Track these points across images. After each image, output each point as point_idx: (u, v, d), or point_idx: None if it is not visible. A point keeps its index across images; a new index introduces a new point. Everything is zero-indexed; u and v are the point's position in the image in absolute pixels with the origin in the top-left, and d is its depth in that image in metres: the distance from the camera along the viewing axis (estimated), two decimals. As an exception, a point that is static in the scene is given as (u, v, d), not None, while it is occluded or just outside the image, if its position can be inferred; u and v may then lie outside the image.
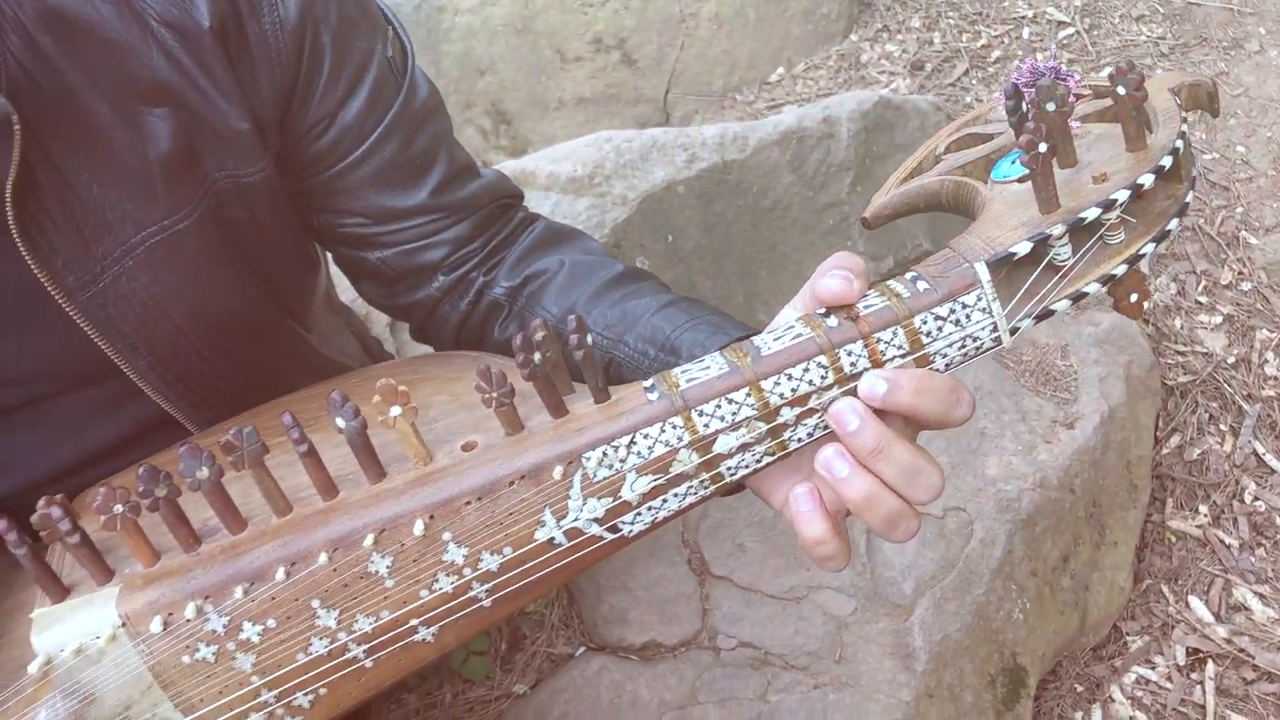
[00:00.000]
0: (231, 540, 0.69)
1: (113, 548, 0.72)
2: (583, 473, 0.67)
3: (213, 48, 0.80)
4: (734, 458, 0.68)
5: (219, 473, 0.67)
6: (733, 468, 0.68)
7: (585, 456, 0.66)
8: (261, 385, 0.90)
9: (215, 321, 0.88)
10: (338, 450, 0.70)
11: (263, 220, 0.89)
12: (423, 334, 1.02)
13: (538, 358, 0.65)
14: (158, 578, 0.69)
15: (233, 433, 0.66)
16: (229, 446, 0.66)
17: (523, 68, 2.84)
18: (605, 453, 0.66)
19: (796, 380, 0.66)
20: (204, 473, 0.67)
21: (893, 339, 0.65)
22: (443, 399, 0.76)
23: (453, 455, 0.69)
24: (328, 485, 0.69)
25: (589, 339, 0.66)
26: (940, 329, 0.65)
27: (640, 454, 0.67)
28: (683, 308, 0.85)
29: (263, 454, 0.67)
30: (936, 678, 1.42)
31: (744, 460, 0.68)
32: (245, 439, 0.66)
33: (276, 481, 0.69)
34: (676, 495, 0.69)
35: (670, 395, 0.66)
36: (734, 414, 0.66)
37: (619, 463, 0.67)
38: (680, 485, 0.68)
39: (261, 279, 0.92)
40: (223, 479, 0.68)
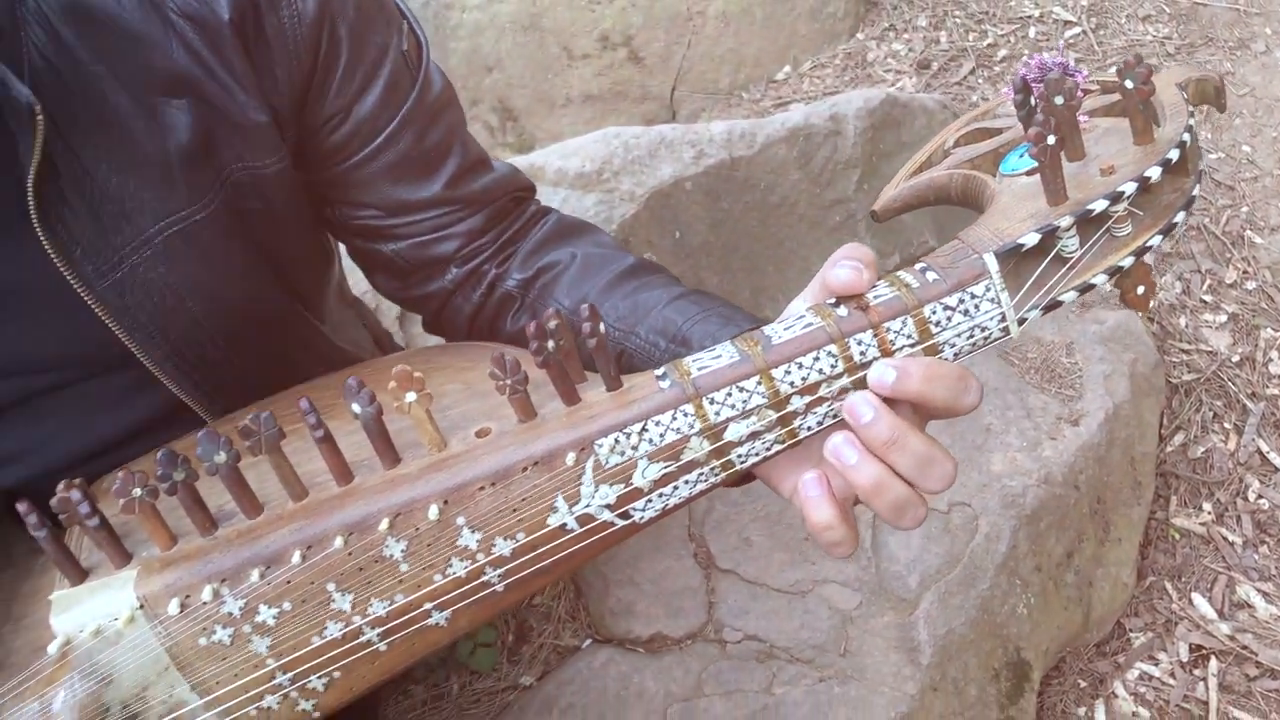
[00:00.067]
0: (248, 524, 0.70)
1: (130, 531, 0.73)
2: (595, 459, 0.68)
3: (232, 40, 0.81)
4: (744, 445, 0.68)
5: (236, 457, 0.68)
6: (743, 455, 0.69)
7: (598, 443, 0.67)
8: (276, 375, 0.91)
9: (231, 311, 0.89)
10: (352, 437, 0.71)
11: (279, 212, 0.90)
12: (436, 326, 1.03)
13: (551, 346, 0.66)
14: (175, 561, 0.70)
15: (250, 418, 0.67)
16: (246, 431, 0.67)
17: (530, 65, 2.85)
18: (617, 439, 0.67)
19: (807, 369, 0.66)
20: (221, 457, 0.68)
21: (902, 328, 0.66)
22: (456, 387, 0.77)
23: (467, 442, 0.70)
24: (343, 470, 0.70)
25: (602, 327, 0.67)
26: (949, 319, 0.66)
27: (652, 441, 0.67)
28: (694, 300, 0.86)
29: (279, 439, 0.68)
30: (941, 671, 1.43)
31: (754, 448, 0.69)
32: (262, 424, 0.67)
33: (293, 466, 0.70)
34: (687, 482, 0.69)
35: (682, 383, 0.67)
36: (745, 402, 0.67)
37: (631, 449, 0.68)
38: (691, 472, 0.69)
39: (277, 270, 0.93)
40: (239, 464, 0.69)
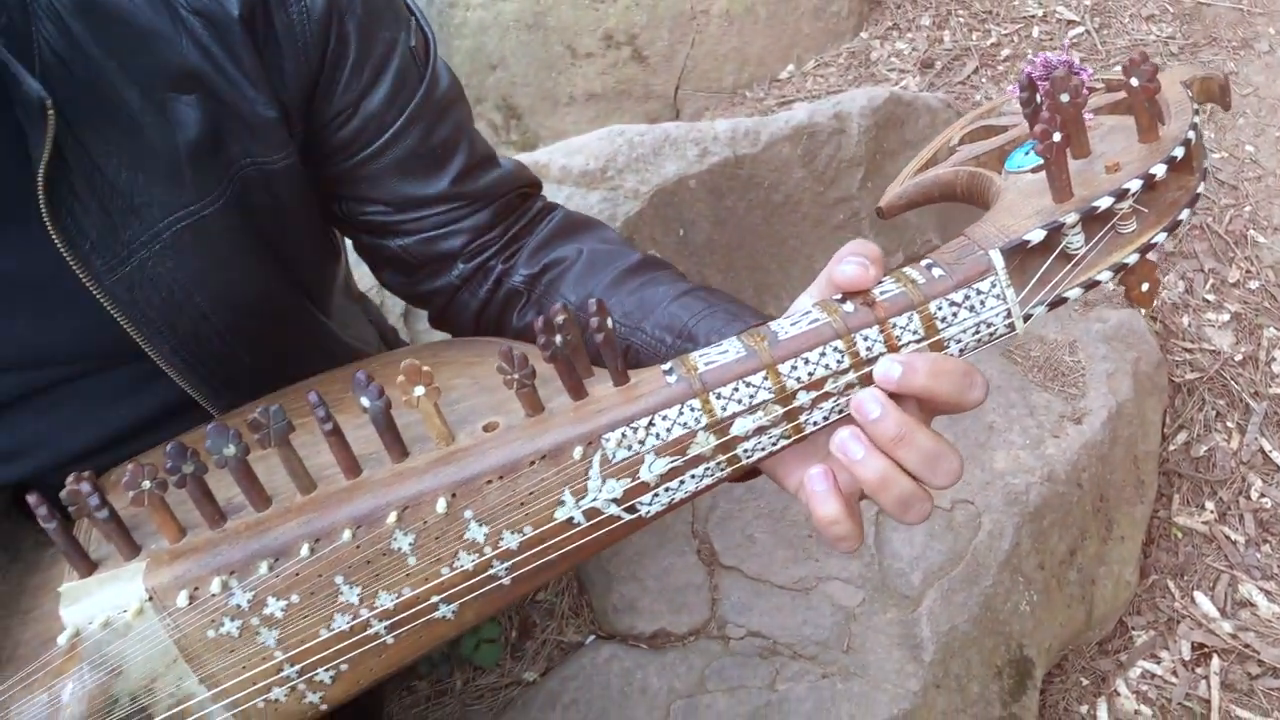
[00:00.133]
0: (256, 517, 0.71)
1: (139, 524, 0.73)
2: (602, 454, 0.68)
3: (241, 36, 0.81)
4: (750, 440, 0.69)
5: (245, 450, 0.69)
6: (749, 450, 0.69)
7: (604, 438, 0.68)
8: (283, 370, 0.91)
9: (239, 306, 0.90)
10: (360, 431, 0.72)
11: (287, 207, 0.90)
12: (442, 321, 1.03)
13: (559, 340, 0.66)
14: (184, 553, 0.71)
15: (259, 411, 0.67)
16: (255, 424, 0.67)
17: (534, 63, 2.85)
18: (624, 434, 0.68)
19: (813, 364, 0.67)
20: (230, 450, 0.68)
21: (908, 324, 0.66)
22: (463, 382, 0.77)
23: (474, 436, 0.70)
24: (351, 464, 0.70)
25: (609, 322, 0.67)
26: (955, 315, 0.66)
27: (658, 436, 0.68)
28: (700, 296, 0.86)
29: (289, 432, 0.68)
30: (944, 668, 1.43)
31: (760, 443, 0.69)
32: (271, 417, 0.68)
33: (301, 460, 0.70)
34: (694, 477, 0.70)
35: (688, 378, 0.67)
36: (751, 397, 0.67)
37: (638, 444, 0.68)
38: (697, 467, 0.69)
39: (284, 265, 0.93)
40: (248, 457, 0.69)
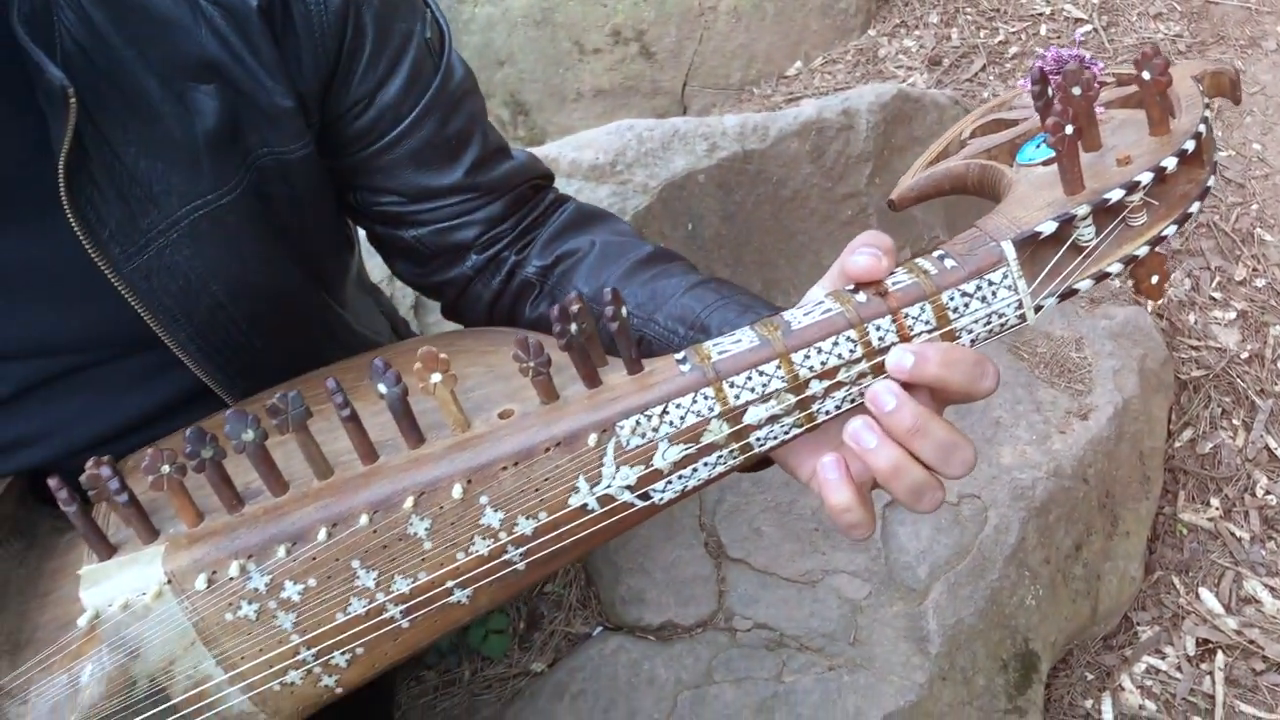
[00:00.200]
0: (274, 502, 0.72)
1: (157, 509, 0.74)
2: (616, 441, 0.69)
3: (260, 26, 0.82)
4: (763, 429, 0.69)
5: (264, 436, 0.69)
6: (762, 438, 0.70)
7: (619, 425, 0.68)
8: (297, 359, 0.92)
9: (254, 295, 0.90)
10: (376, 418, 0.73)
11: (303, 197, 0.91)
12: (454, 312, 1.04)
13: (574, 328, 0.67)
14: (202, 537, 0.71)
15: (278, 397, 0.68)
16: (274, 410, 0.68)
17: (541, 59, 2.85)
18: (638, 421, 0.68)
19: (826, 354, 0.67)
20: (249, 435, 0.69)
21: (920, 314, 0.67)
22: (478, 370, 0.78)
23: (490, 423, 0.71)
24: (368, 450, 0.71)
25: (624, 311, 0.68)
26: (967, 305, 0.67)
27: (672, 423, 0.69)
28: (712, 288, 0.87)
29: (306, 418, 0.69)
30: (950, 661, 1.44)
31: (773, 431, 0.70)
32: (290, 403, 0.68)
33: (319, 445, 0.71)
34: (707, 464, 0.70)
35: (702, 367, 0.68)
36: (764, 386, 0.68)
37: (651, 431, 0.69)
38: (711, 455, 0.70)
39: (300, 255, 0.94)
40: (265, 443, 0.70)
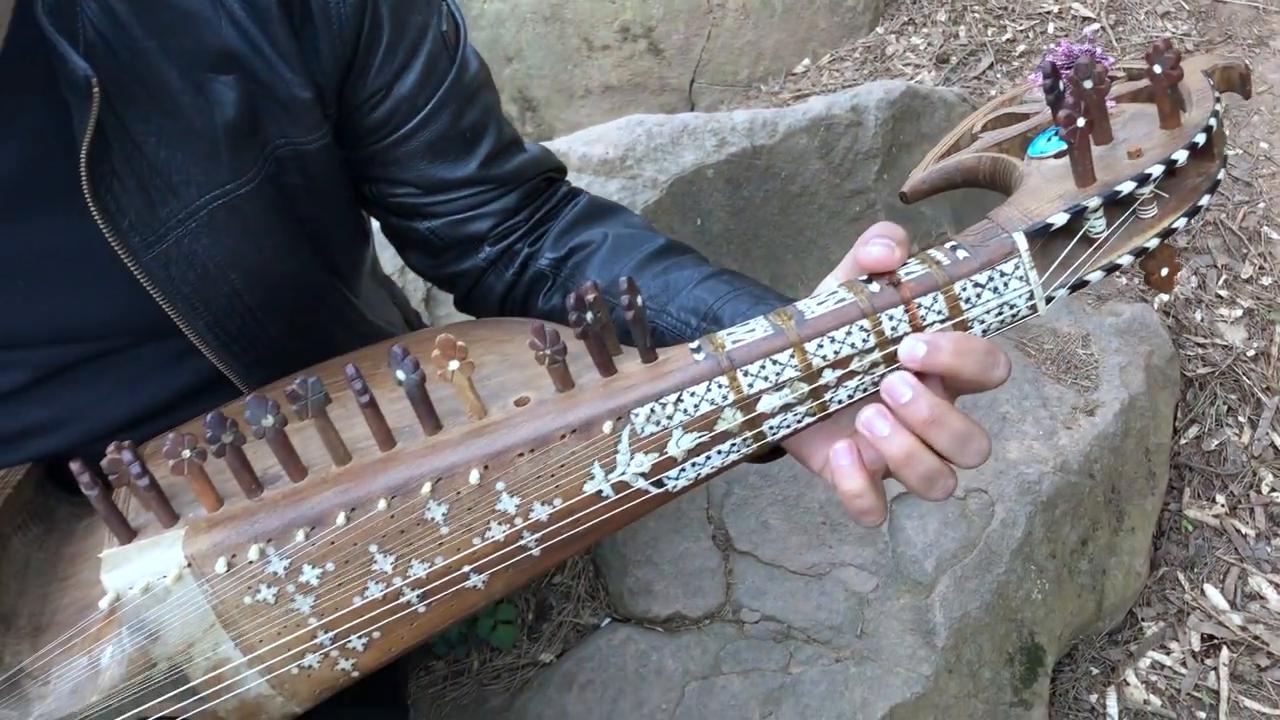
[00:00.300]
0: (293, 487, 0.73)
1: (176, 494, 0.75)
2: (631, 428, 0.69)
3: (279, 18, 0.83)
4: (776, 417, 0.70)
5: (283, 421, 0.70)
6: (774, 427, 0.71)
7: (634, 413, 0.69)
8: (313, 348, 0.93)
9: (271, 284, 0.91)
10: (393, 405, 0.73)
11: (320, 188, 0.92)
12: (467, 304, 1.05)
13: (590, 317, 0.68)
14: (222, 521, 0.72)
15: (297, 382, 0.69)
16: (294, 395, 0.69)
17: (550, 55, 2.86)
18: (653, 409, 0.69)
19: (839, 343, 0.68)
20: (269, 420, 0.70)
21: (933, 304, 0.68)
22: (494, 359, 0.79)
23: (506, 410, 0.72)
24: (386, 436, 0.72)
25: (639, 300, 0.69)
26: (979, 295, 0.68)
27: (686, 411, 0.69)
28: (725, 279, 0.88)
29: (326, 404, 0.70)
30: (956, 653, 1.45)
31: (786, 420, 0.71)
32: (310, 389, 0.69)
33: (337, 431, 0.72)
34: (720, 452, 0.71)
35: (716, 355, 0.69)
36: (778, 374, 0.69)
37: (666, 419, 0.69)
38: (724, 443, 0.71)
39: (317, 245, 0.95)
40: (284, 428, 0.71)
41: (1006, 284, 0.68)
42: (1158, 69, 0.67)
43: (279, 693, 0.77)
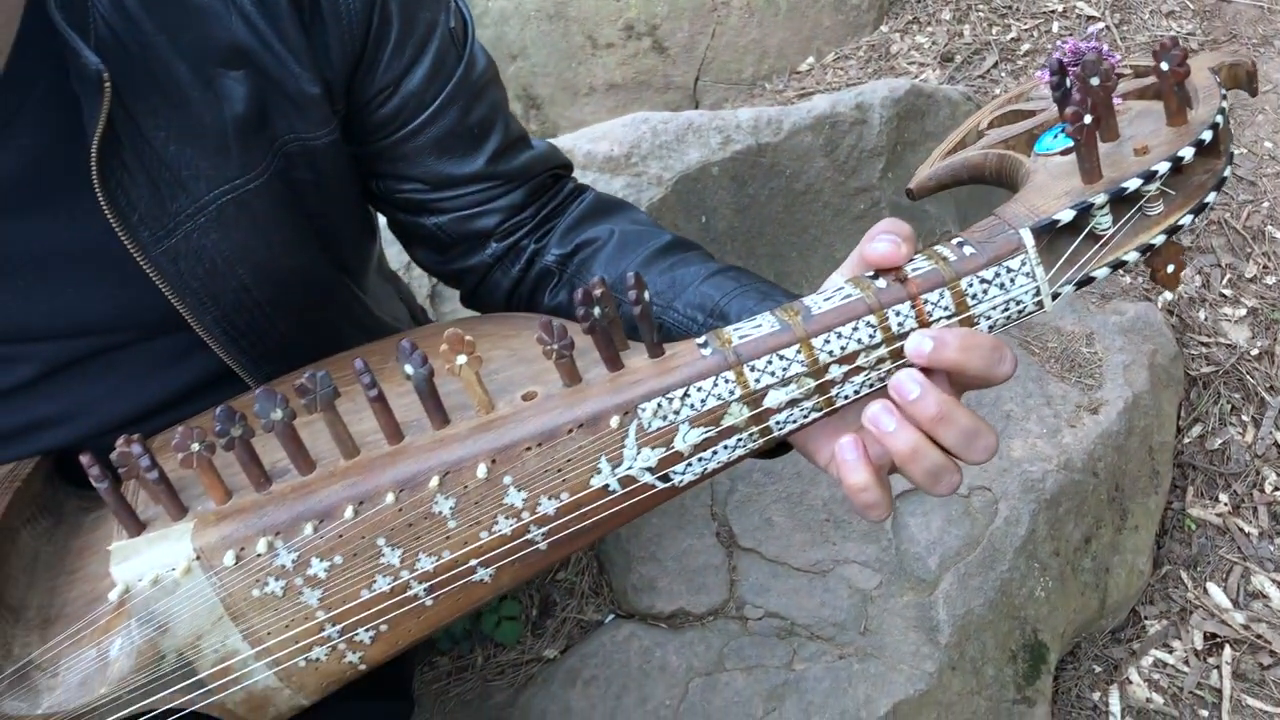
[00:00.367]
0: (302, 480, 0.73)
1: (184, 487, 0.76)
2: (638, 423, 0.70)
3: (289, 14, 0.83)
4: (783, 412, 0.71)
5: (292, 415, 0.71)
6: (781, 422, 0.71)
7: (641, 407, 0.69)
8: (320, 343, 0.94)
9: (279, 279, 0.92)
10: (400, 400, 0.74)
11: (328, 183, 0.92)
12: (474, 299, 1.05)
13: (597, 311, 0.68)
14: (230, 514, 0.73)
15: (306, 376, 0.69)
16: (302, 389, 0.70)
17: (554, 53, 2.86)
18: (660, 404, 0.69)
19: (846, 339, 0.68)
20: (278, 414, 0.70)
21: (939, 300, 0.68)
22: (501, 354, 0.79)
23: (513, 404, 0.72)
24: (394, 430, 0.72)
25: (647, 295, 0.69)
26: (985, 291, 0.68)
27: (693, 406, 0.70)
28: (731, 276, 0.88)
29: (334, 397, 0.70)
30: (960, 650, 1.45)
31: (792, 415, 0.71)
32: (319, 383, 0.70)
33: (346, 425, 0.72)
34: (726, 447, 0.72)
35: (723, 350, 0.69)
36: (784, 370, 0.69)
37: (673, 414, 0.70)
38: (730, 438, 0.71)
39: (324, 240, 0.95)
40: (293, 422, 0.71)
41: (1013, 280, 0.68)
42: (1164, 66, 0.67)
43: (286, 685, 0.78)
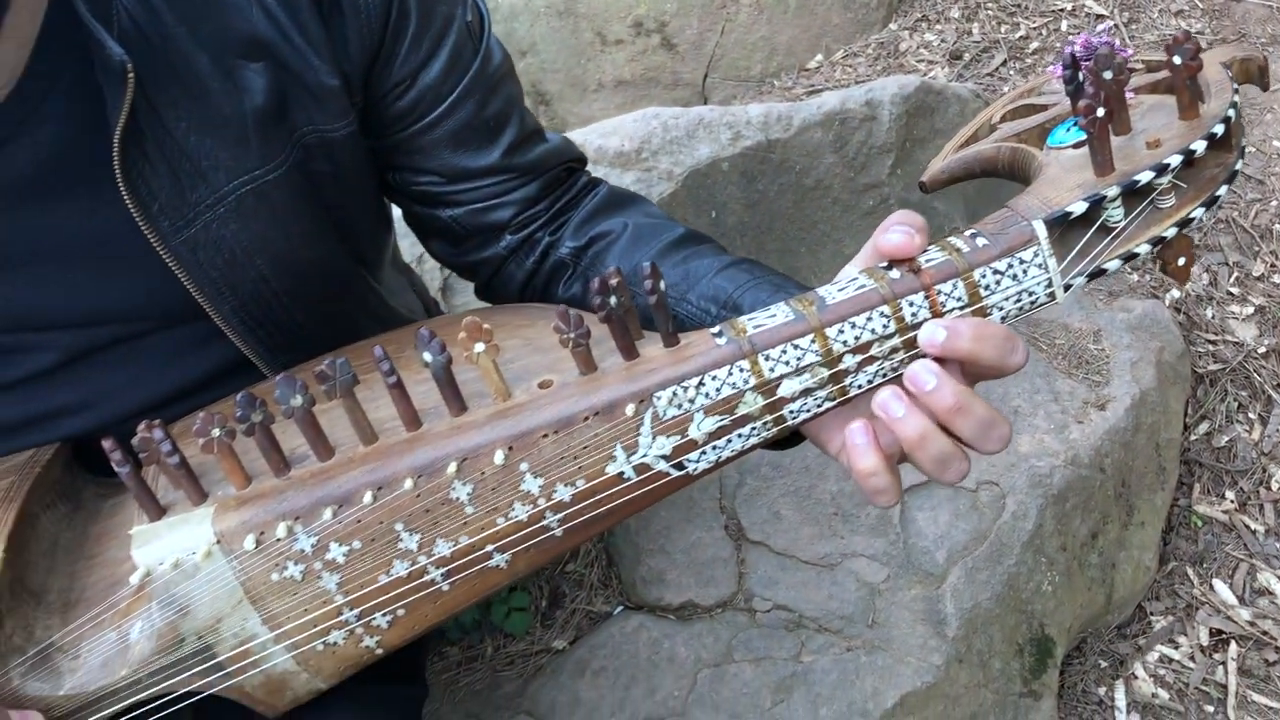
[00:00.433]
0: (321, 466, 0.74)
1: (204, 472, 0.77)
2: (653, 411, 0.71)
3: (308, 6, 0.84)
4: (796, 401, 0.71)
5: (312, 401, 0.72)
6: (795, 411, 0.72)
7: (656, 396, 0.70)
8: (337, 334, 0.95)
9: (297, 270, 0.93)
10: (419, 387, 0.75)
11: (346, 175, 0.93)
12: (488, 292, 1.06)
13: (614, 301, 0.69)
14: (250, 499, 0.74)
15: (326, 363, 0.70)
16: (322, 376, 0.71)
17: (563, 50, 2.87)
18: (675, 393, 0.70)
19: (860, 329, 0.69)
20: (298, 400, 0.71)
21: (952, 291, 0.69)
22: (516, 343, 0.80)
23: (530, 392, 0.73)
24: (412, 416, 0.73)
25: (662, 285, 0.70)
26: (998, 283, 0.69)
27: (708, 395, 0.70)
28: (744, 268, 0.89)
29: (354, 384, 0.71)
30: (967, 644, 1.46)
31: (806, 404, 0.72)
32: (338, 369, 0.71)
33: (365, 411, 0.73)
34: (740, 436, 0.72)
35: (738, 340, 0.70)
36: (799, 359, 0.70)
37: (688, 403, 0.71)
38: (744, 426, 0.72)
39: (342, 231, 0.96)
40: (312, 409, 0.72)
41: (1025, 271, 0.69)
42: (1177, 60, 0.68)
43: (304, 669, 0.79)
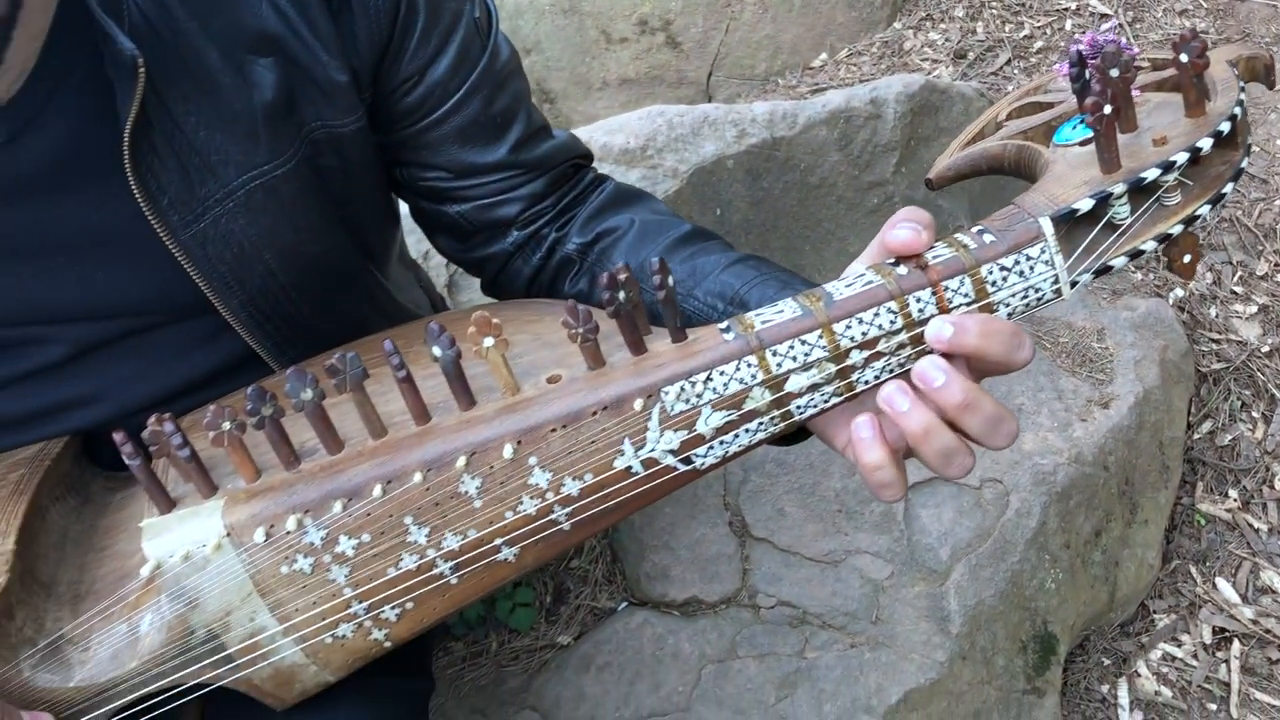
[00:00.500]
0: (331, 459, 0.74)
1: (214, 465, 0.77)
2: (661, 406, 0.71)
3: (318, 2, 0.84)
4: (804, 397, 0.72)
5: (322, 395, 0.72)
6: (802, 406, 0.72)
7: (664, 391, 0.71)
8: (344, 328, 0.95)
9: (305, 265, 0.93)
10: (428, 381, 0.75)
11: (354, 170, 0.93)
12: (495, 288, 1.06)
13: (622, 296, 0.69)
14: (260, 492, 0.74)
15: (336, 357, 0.71)
16: (333, 370, 0.71)
17: (568, 48, 2.87)
18: (683, 388, 0.71)
19: (867, 324, 0.70)
20: (308, 394, 0.72)
21: (959, 287, 0.69)
22: (524, 338, 0.81)
23: (539, 387, 0.73)
24: (421, 410, 0.74)
25: (670, 280, 0.70)
26: (1005, 279, 0.69)
27: (716, 390, 0.71)
28: (751, 265, 0.89)
29: (364, 378, 0.72)
30: (970, 640, 1.46)
31: (813, 400, 0.72)
32: (349, 363, 0.71)
33: (374, 405, 0.74)
34: (748, 431, 0.73)
35: (745, 335, 0.70)
36: (806, 355, 0.70)
37: (695, 398, 0.71)
38: (751, 421, 0.72)
39: (350, 226, 0.96)
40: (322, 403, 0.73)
41: (1032, 268, 0.69)
42: (1184, 58, 0.69)
43: (313, 661, 0.79)
